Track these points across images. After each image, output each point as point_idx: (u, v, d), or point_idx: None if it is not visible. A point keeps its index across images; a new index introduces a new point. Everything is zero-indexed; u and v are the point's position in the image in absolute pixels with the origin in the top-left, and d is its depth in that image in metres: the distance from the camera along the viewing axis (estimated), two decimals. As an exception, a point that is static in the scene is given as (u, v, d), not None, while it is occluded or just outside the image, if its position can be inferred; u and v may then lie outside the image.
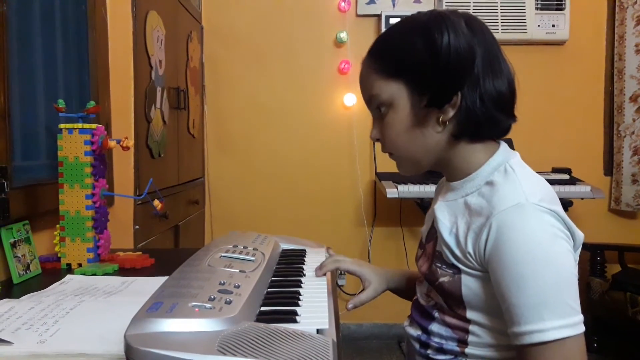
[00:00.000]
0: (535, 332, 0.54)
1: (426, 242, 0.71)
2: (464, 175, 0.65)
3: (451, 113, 0.61)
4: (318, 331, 0.53)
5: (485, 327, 0.62)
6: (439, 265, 0.65)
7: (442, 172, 0.70)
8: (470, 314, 0.62)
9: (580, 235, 0.61)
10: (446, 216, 0.65)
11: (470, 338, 0.63)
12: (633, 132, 2.25)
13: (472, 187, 0.64)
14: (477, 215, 0.60)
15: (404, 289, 0.82)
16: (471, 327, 0.63)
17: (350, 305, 0.76)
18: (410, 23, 0.64)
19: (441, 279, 0.64)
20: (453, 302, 0.63)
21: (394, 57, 0.63)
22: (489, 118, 0.62)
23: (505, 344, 0.60)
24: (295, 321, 0.55)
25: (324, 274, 0.77)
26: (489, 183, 0.62)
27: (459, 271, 0.62)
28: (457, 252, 0.62)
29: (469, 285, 0.61)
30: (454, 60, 0.59)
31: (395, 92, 0.63)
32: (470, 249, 0.60)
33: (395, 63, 0.63)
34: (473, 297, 0.61)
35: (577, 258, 0.61)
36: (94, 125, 0.91)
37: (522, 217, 0.56)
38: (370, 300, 0.78)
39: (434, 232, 0.68)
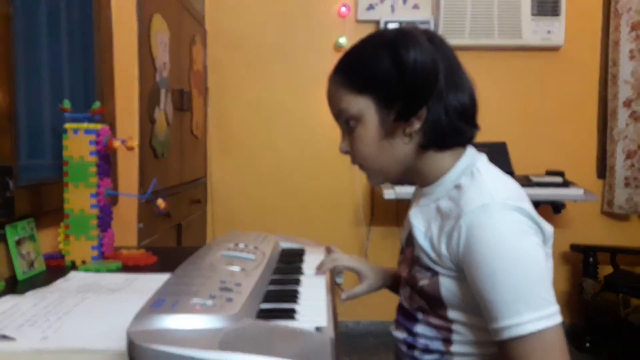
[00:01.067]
0: (513, 327, 0.56)
1: (405, 248, 0.73)
2: (434, 181, 0.68)
3: (417, 125, 0.64)
4: (317, 329, 0.54)
5: (467, 326, 0.64)
6: (418, 269, 0.67)
7: (413, 179, 0.72)
8: (451, 314, 0.64)
9: (549, 229, 0.62)
10: (420, 221, 0.68)
11: (455, 337, 0.65)
12: (626, 137, 2.27)
13: (441, 191, 0.67)
14: (448, 218, 0.63)
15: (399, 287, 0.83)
16: (454, 327, 0.65)
17: (344, 296, 0.79)
18: (376, 40, 0.66)
19: (421, 283, 0.66)
20: (434, 303, 0.65)
21: (362, 72, 0.65)
22: (454, 129, 0.64)
23: (489, 340, 0.61)
24: (294, 319, 0.56)
25: (324, 273, 0.79)
26: (457, 186, 0.64)
27: (436, 274, 0.64)
28: (433, 255, 0.64)
29: (447, 287, 0.63)
30: (419, 75, 0.61)
31: (364, 106, 0.65)
32: (444, 251, 0.62)
33: (363, 79, 0.65)
34: (452, 297, 0.63)
35: (550, 251, 0.64)
36: (98, 126, 0.92)
37: (489, 216, 0.58)
38: (363, 294, 0.81)
39: (411, 238, 0.69)
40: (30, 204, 0.90)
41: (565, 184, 2.04)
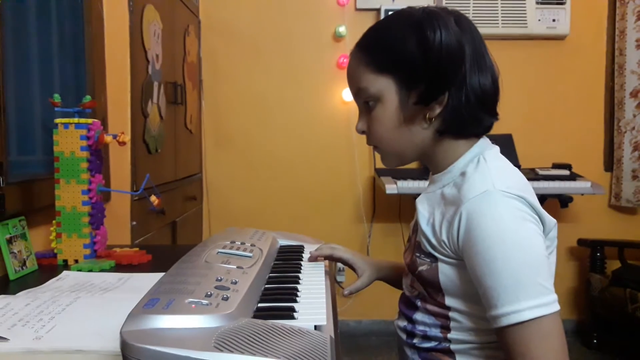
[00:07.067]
0: (512, 313, 0.56)
1: (412, 234, 0.74)
2: (445, 168, 0.68)
3: (438, 110, 0.63)
4: (316, 327, 0.53)
5: (463, 313, 0.64)
6: (418, 254, 0.67)
7: (427, 165, 0.72)
8: (448, 301, 0.65)
9: (551, 221, 0.62)
10: (425, 207, 0.68)
11: (452, 324, 0.65)
12: (633, 128, 2.24)
13: (448, 178, 0.67)
14: (450, 204, 0.63)
15: (393, 278, 0.85)
16: (451, 314, 0.65)
17: (346, 292, 0.81)
18: (402, 19, 0.65)
19: (420, 268, 0.66)
20: (432, 290, 0.66)
21: (385, 52, 0.64)
22: (473, 117, 0.64)
23: (486, 328, 0.62)
24: (293, 317, 0.55)
25: (316, 258, 0.82)
26: (463, 174, 0.65)
27: (435, 260, 0.65)
28: (434, 241, 0.64)
29: (446, 273, 0.64)
30: (444, 58, 0.60)
31: (384, 87, 0.64)
32: (444, 237, 0.63)
33: (386, 58, 0.64)
34: (450, 284, 0.64)
35: (554, 244, 0.64)
36: (90, 120, 0.91)
37: (489, 203, 0.59)
38: (364, 287, 0.83)
39: (416, 225, 0.70)
40: (21, 201, 0.90)
41: (572, 177, 2.02)
